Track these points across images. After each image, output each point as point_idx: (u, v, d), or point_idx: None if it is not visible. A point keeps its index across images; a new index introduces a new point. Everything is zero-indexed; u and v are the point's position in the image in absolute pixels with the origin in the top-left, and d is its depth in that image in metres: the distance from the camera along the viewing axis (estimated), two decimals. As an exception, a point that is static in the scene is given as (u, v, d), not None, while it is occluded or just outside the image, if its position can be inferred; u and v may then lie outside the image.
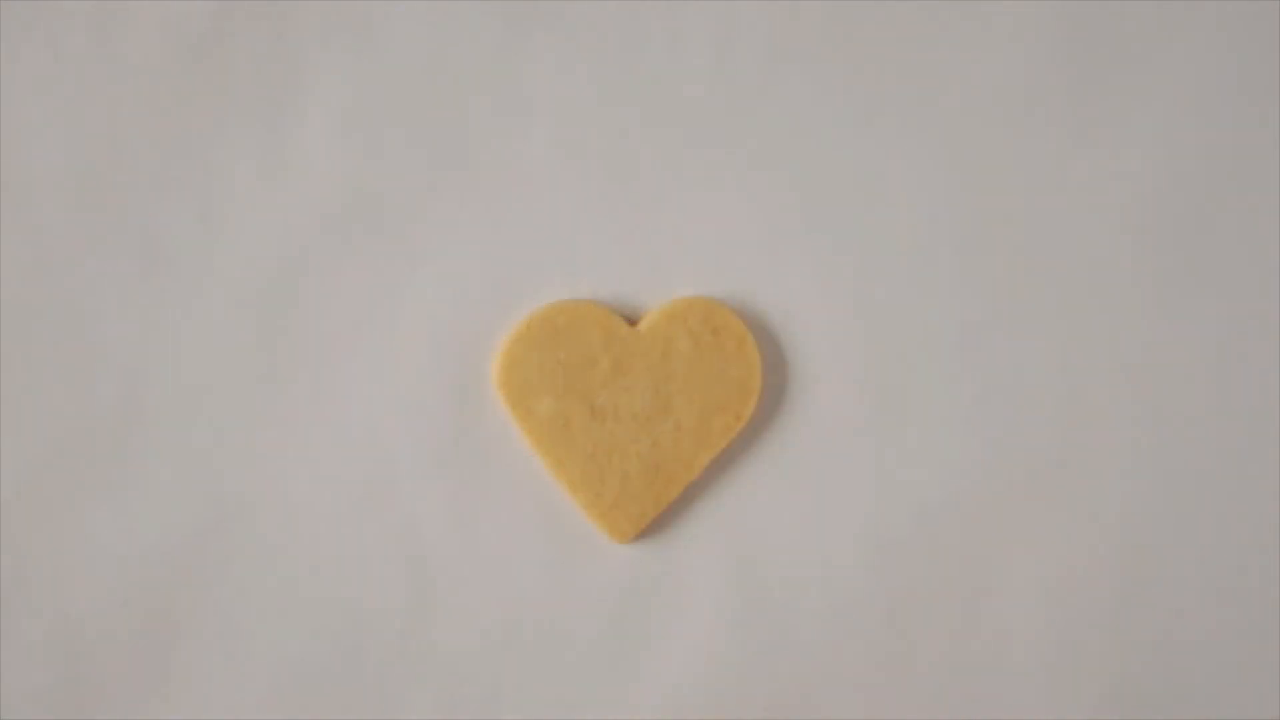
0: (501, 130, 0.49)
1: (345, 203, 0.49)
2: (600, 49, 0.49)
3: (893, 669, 0.49)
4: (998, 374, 0.50)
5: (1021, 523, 0.50)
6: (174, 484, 0.48)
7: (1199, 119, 0.50)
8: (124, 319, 0.48)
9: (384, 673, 0.48)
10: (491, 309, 0.49)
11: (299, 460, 0.48)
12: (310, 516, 0.48)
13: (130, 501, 0.48)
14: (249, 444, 0.48)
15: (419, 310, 0.49)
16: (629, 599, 0.49)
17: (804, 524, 0.49)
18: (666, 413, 0.48)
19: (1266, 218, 0.50)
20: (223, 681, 0.47)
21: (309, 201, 0.49)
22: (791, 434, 0.49)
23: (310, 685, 0.48)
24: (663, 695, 0.48)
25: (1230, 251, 0.50)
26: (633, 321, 0.49)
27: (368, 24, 0.49)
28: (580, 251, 0.49)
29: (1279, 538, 0.50)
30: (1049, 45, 0.50)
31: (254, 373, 0.48)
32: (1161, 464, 0.50)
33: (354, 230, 0.49)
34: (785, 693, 0.49)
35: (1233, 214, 0.50)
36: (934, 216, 0.50)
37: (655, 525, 0.49)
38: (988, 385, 0.50)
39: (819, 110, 0.50)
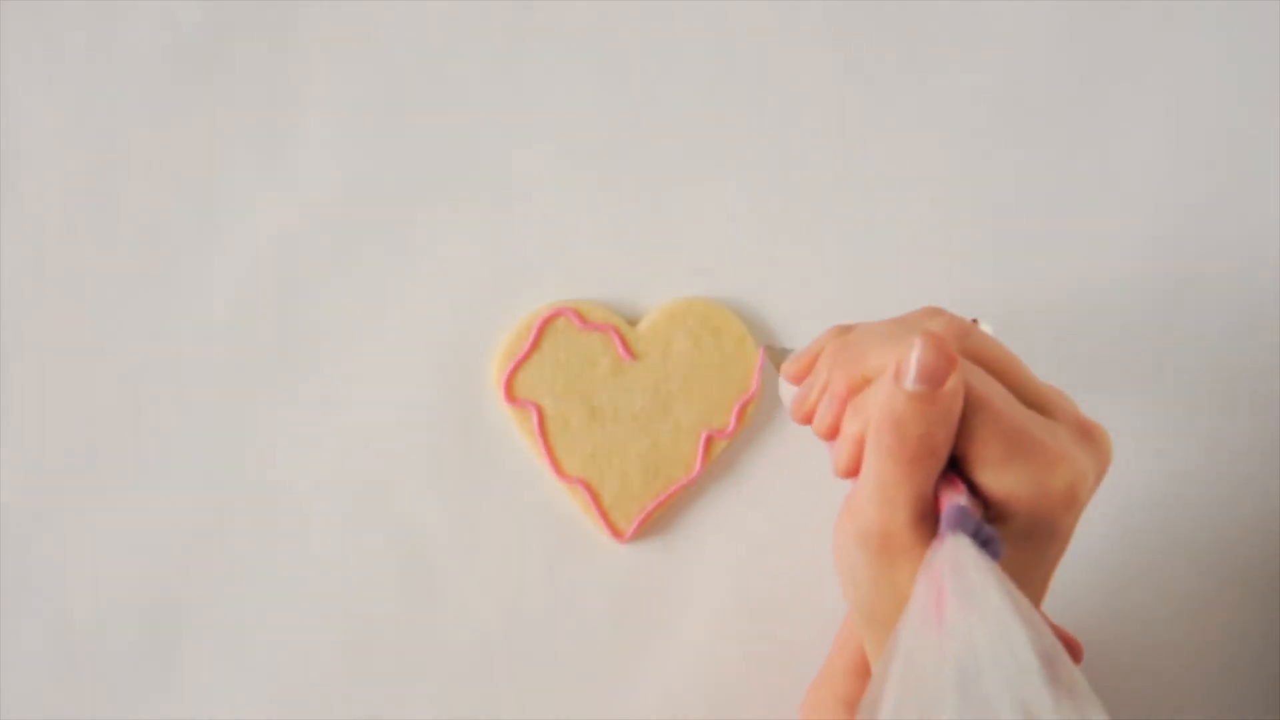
0: (501, 132, 0.49)
1: (346, 204, 0.49)
2: (599, 53, 0.49)
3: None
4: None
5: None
6: (174, 484, 0.48)
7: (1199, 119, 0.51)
8: (124, 319, 0.48)
9: (384, 673, 0.48)
10: (491, 309, 0.49)
11: (300, 460, 0.48)
12: (311, 516, 0.48)
13: (131, 502, 0.48)
14: (249, 444, 0.48)
15: (420, 311, 0.49)
16: (628, 598, 0.49)
17: (803, 524, 0.49)
18: (666, 413, 0.48)
19: (1266, 220, 0.50)
20: (223, 681, 0.47)
21: (310, 202, 0.49)
22: (790, 434, 0.49)
23: (311, 684, 0.48)
24: (663, 695, 0.48)
25: (1231, 251, 0.50)
26: (633, 322, 0.49)
27: (368, 28, 0.49)
28: (580, 252, 0.49)
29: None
30: (1048, 48, 0.50)
31: (254, 373, 0.48)
32: (1157, 459, 0.50)
33: (355, 231, 0.49)
34: (784, 693, 0.49)
35: (1234, 215, 0.50)
36: (932, 217, 0.50)
37: (655, 525, 0.49)
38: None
39: (818, 112, 0.50)
